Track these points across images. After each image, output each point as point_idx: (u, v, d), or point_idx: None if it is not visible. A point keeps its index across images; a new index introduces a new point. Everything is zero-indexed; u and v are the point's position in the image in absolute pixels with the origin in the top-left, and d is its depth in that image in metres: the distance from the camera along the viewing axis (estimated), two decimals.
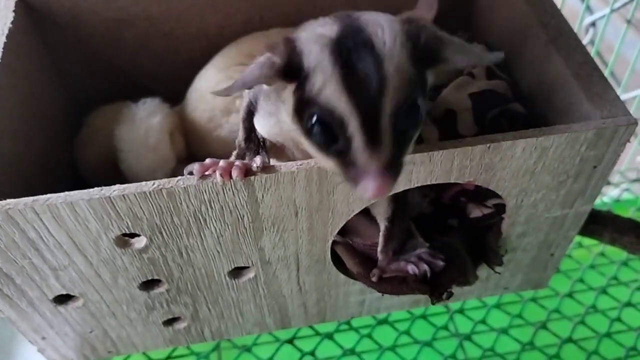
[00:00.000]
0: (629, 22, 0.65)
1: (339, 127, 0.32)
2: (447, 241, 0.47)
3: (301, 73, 0.33)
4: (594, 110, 0.41)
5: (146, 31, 0.54)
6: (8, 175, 0.44)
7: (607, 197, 0.82)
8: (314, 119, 0.33)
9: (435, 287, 0.44)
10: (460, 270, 0.45)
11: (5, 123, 0.44)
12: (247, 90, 0.43)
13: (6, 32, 0.47)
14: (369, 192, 0.32)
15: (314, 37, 0.33)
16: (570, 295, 0.67)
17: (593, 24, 0.68)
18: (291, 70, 0.33)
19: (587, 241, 0.73)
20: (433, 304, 0.45)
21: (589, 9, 0.67)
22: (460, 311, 0.66)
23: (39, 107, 0.51)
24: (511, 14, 0.51)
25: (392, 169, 0.33)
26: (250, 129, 0.44)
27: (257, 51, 0.36)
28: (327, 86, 0.32)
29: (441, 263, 0.44)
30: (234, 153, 0.44)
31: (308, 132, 0.34)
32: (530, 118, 0.47)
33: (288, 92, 0.35)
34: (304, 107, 0.33)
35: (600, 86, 0.42)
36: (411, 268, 0.44)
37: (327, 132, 0.33)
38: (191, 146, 0.60)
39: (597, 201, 0.80)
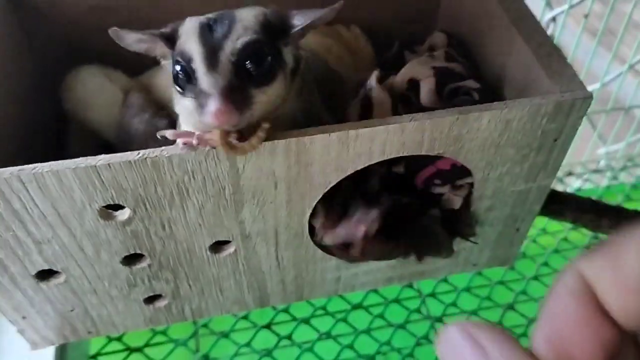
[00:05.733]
0: (586, 16, 0.69)
1: (188, 63, 0.38)
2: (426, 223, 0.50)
3: (176, 40, 0.40)
4: (554, 86, 0.43)
5: (127, 18, 0.56)
6: None
7: (570, 188, 0.86)
8: (176, 66, 0.39)
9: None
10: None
11: None
12: None
13: None
14: (209, 115, 0.36)
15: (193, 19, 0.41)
16: (536, 278, 0.70)
17: (553, 19, 0.72)
18: (171, 40, 0.41)
19: (552, 227, 0.77)
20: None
21: (549, 5, 0.71)
22: (432, 295, 0.68)
23: (15, 91, 0.52)
24: (475, 0, 0.54)
25: (235, 97, 0.37)
26: None
27: None
28: (187, 39, 0.39)
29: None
30: None
31: (176, 82, 0.40)
32: (491, 96, 0.50)
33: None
34: (174, 65, 0.40)
35: (559, 64, 0.45)
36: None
37: (183, 73, 0.39)
38: None
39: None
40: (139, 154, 0.38)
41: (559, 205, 0.59)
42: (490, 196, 0.49)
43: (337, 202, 0.47)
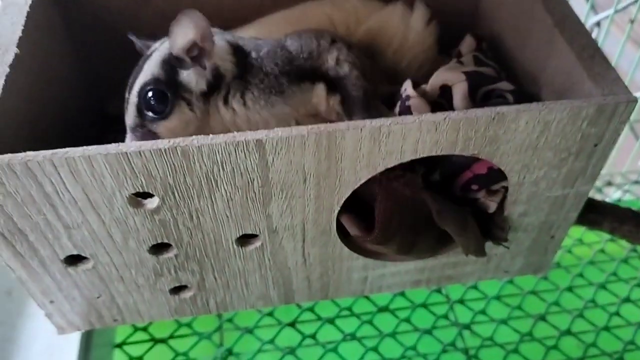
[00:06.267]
0: (632, 21, 0.67)
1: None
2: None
3: None
4: (596, 89, 0.42)
5: (163, 9, 0.56)
6: (23, 134, 0.45)
7: (609, 198, 0.83)
8: None
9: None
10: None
11: (21, 86, 0.45)
12: None
13: (29, 2, 0.48)
14: None
15: None
16: (570, 289, 0.68)
17: (598, 24, 0.70)
18: None
19: (588, 238, 0.74)
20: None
21: (593, 9, 0.69)
22: (461, 302, 0.67)
23: (53, 76, 0.53)
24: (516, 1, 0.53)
25: (140, 133, 0.45)
26: None
27: None
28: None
29: None
30: None
31: None
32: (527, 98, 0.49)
33: None
34: None
35: (602, 67, 0.43)
36: None
37: None
38: None
39: None
40: (169, 142, 0.38)
41: (597, 214, 0.57)
42: (525, 201, 0.48)
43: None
